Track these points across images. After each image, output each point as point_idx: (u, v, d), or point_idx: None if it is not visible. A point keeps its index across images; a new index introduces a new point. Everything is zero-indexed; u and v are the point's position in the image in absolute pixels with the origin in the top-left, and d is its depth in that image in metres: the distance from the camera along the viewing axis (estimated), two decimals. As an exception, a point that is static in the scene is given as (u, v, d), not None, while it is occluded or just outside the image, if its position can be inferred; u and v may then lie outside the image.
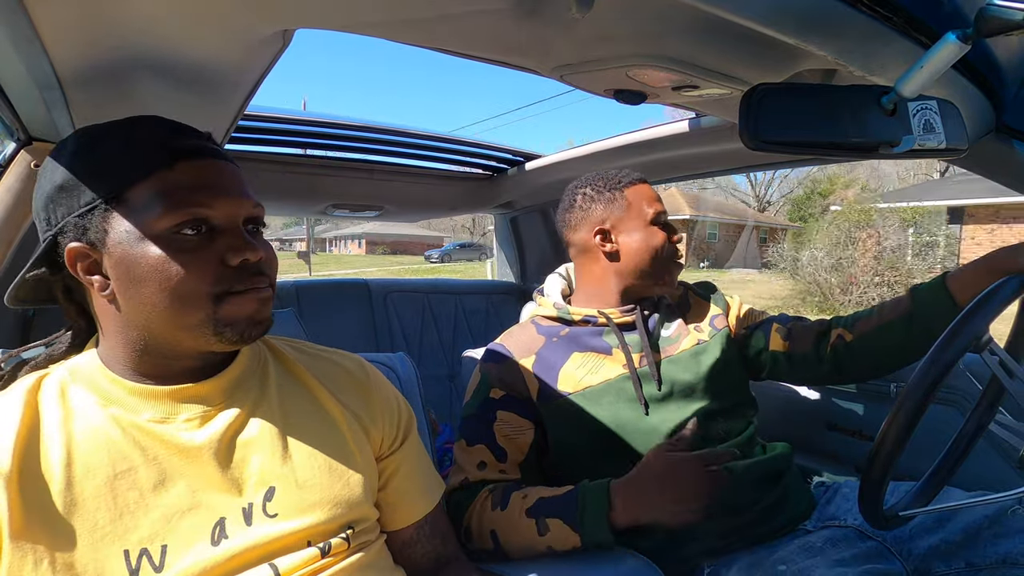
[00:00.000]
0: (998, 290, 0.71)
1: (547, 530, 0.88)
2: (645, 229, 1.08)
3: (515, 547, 0.91)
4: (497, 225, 2.53)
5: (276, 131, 1.59)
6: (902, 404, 0.69)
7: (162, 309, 0.57)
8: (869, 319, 1.04)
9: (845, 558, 0.89)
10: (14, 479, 0.53)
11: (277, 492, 0.62)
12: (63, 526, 0.54)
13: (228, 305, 0.58)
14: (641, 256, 1.08)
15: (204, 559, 0.57)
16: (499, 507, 0.93)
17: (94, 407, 0.59)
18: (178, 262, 0.56)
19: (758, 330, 1.15)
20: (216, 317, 0.58)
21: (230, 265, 0.58)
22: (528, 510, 0.90)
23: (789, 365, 1.11)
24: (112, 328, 0.61)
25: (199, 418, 0.61)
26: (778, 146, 0.67)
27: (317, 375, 0.72)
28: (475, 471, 1.00)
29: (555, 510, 0.89)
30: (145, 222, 0.57)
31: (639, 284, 1.10)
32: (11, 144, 1.02)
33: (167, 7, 0.65)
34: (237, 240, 0.59)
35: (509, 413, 1.03)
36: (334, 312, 2.07)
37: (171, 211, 0.57)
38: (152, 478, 0.58)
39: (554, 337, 1.09)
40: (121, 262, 0.57)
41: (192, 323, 0.58)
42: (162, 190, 0.57)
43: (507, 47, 0.79)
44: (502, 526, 0.91)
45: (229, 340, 0.59)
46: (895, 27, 0.64)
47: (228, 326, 0.59)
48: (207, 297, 0.57)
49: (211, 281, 0.57)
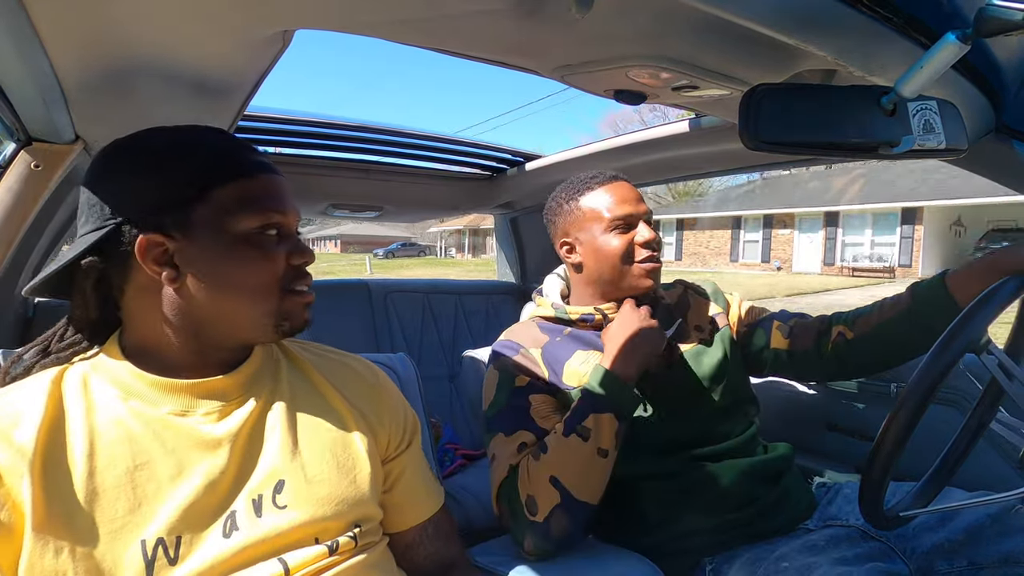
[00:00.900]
0: (997, 290, 0.71)
1: (589, 432, 0.92)
2: (601, 236, 1.07)
3: (575, 475, 0.92)
4: (497, 225, 2.53)
5: (276, 131, 1.59)
6: (902, 404, 0.69)
7: (238, 298, 0.63)
8: (870, 317, 1.04)
9: (848, 557, 0.89)
10: (38, 469, 0.54)
11: (287, 485, 0.63)
12: (84, 516, 0.54)
13: (289, 301, 0.66)
14: (600, 265, 1.08)
15: (216, 551, 0.58)
16: (542, 453, 0.94)
17: (115, 400, 0.61)
18: (259, 258, 0.63)
19: (759, 327, 1.15)
20: (280, 310, 0.65)
21: (293, 265, 0.66)
22: (564, 433, 0.94)
23: (791, 362, 1.11)
24: (157, 319, 0.63)
25: (217, 412, 0.63)
26: (778, 146, 0.67)
27: (326, 375, 0.74)
28: (516, 455, 0.98)
29: (583, 412, 0.94)
30: (231, 220, 0.62)
31: (611, 290, 1.09)
32: (11, 144, 1.02)
33: (167, 8, 0.65)
34: (299, 244, 0.67)
35: (540, 395, 1.03)
36: (334, 312, 2.07)
37: (257, 213, 0.63)
38: (169, 470, 0.59)
39: (557, 336, 1.09)
40: (203, 254, 0.62)
41: (260, 313, 0.64)
42: (246, 195, 0.63)
43: (507, 47, 0.79)
44: (554, 463, 0.92)
45: (283, 331, 0.66)
46: (895, 27, 0.64)
47: (287, 319, 0.66)
48: (278, 290, 0.65)
49: (281, 276, 0.65)
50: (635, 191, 1.10)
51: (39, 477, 0.54)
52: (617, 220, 1.06)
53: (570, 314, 1.10)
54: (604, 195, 1.08)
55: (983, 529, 0.89)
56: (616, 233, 1.06)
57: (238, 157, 0.65)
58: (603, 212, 1.07)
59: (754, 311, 1.19)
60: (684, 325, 1.12)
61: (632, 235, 1.07)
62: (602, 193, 1.08)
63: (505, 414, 1.02)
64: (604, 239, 1.07)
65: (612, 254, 1.06)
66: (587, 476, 0.92)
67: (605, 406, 0.93)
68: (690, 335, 1.12)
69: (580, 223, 1.09)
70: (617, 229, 1.06)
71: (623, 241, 1.06)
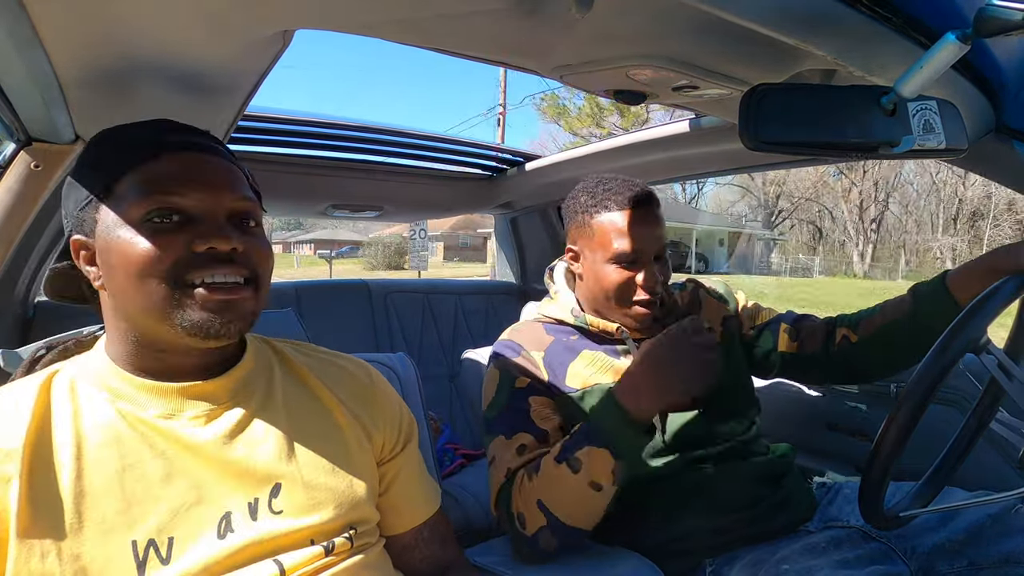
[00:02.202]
0: (997, 291, 0.71)
1: (580, 465, 0.85)
2: (602, 265, 1.02)
3: (563, 504, 0.87)
4: (497, 225, 2.53)
5: (276, 131, 1.58)
6: (902, 404, 0.69)
7: (130, 293, 0.58)
8: (872, 319, 1.03)
9: (849, 559, 0.89)
10: (25, 475, 0.54)
11: (283, 489, 0.63)
12: (71, 518, 0.54)
13: (185, 294, 0.58)
14: (593, 290, 1.05)
15: (210, 552, 0.57)
16: (534, 475, 0.91)
17: (103, 403, 0.60)
18: (142, 245, 0.57)
19: (766, 330, 1.14)
20: (174, 305, 0.58)
21: (196, 252, 0.58)
22: (556, 458, 0.88)
23: (798, 365, 1.11)
24: (110, 322, 0.63)
25: (205, 416, 0.62)
26: (778, 146, 0.67)
27: (321, 378, 0.73)
28: (515, 458, 0.96)
29: (578, 443, 0.87)
30: (123, 210, 0.59)
31: (602, 311, 1.07)
32: (11, 144, 1.02)
33: (167, 8, 0.65)
34: (209, 228, 0.59)
35: (540, 398, 1.01)
36: (334, 313, 2.07)
37: (144, 198, 0.58)
38: (159, 471, 0.58)
39: (564, 338, 1.08)
40: (103, 250, 0.60)
41: (148, 308, 0.58)
42: (142, 180, 0.59)
43: (507, 47, 0.79)
44: (542, 489, 0.89)
45: (188, 331, 0.58)
46: (895, 27, 0.64)
47: (187, 317, 0.58)
48: (165, 278, 0.57)
49: (170, 262, 0.57)
50: (654, 219, 1.03)
51: (25, 482, 0.54)
52: (623, 255, 1.00)
53: (591, 326, 1.06)
54: (618, 221, 1.01)
55: (984, 529, 0.89)
56: (618, 268, 1.01)
57: (141, 143, 0.61)
58: (611, 241, 1.01)
59: (761, 312, 1.18)
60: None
61: (635, 274, 1.01)
62: (617, 217, 1.01)
63: (505, 416, 1.01)
64: (605, 268, 1.02)
65: (608, 287, 1.02)
66: (577, 507, 0.88)
67: (601, 441, 0.85)
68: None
69: (588, 239, 1.05)
70: (621, 264, 1.01)
71: (622, 277, 1.01)
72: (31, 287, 1.51)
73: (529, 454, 0.96)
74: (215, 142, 0.66)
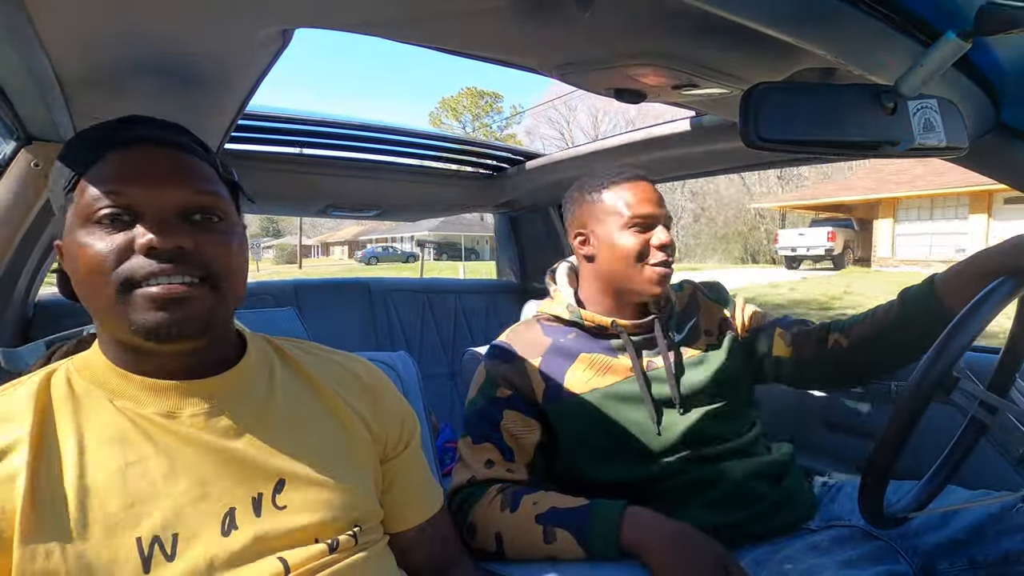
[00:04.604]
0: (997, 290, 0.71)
1: (554, 539, 0.87)
2: (618, 232, 1.05)
3: (518, 550, 0.90)
4: (497, 225, 2.53)
5: (276, 130, 1.58)
6: (902, 404, 0.69)
7: (86, 295, 0.59)
8: (863, 324, 1.03)
9: (852, 559, 0.89)
10: (29, 471, 0.54)
11: (286, 486, 0.63)
12: (75, 516, 0.54)
13: (131, 295, 0.56)
14: (611, 260, 1.07)
15: (215, 548, 0.57)
16: (508, 508, 0.92)
17: (103, 401, 0.60)
18: (88, 247, 0.57)
19: (762, 334, 1.14)
20: (122, 305, 0.56)
21: (140, 251, 0.56)
22: (538, 516, 0.89)
23: (793, 370, 1.11)
24: (96, 323, 0.63)
25: (204, 414, 0.62)
26: (778, 145, 0.67)
27: (323, 376, 0.73)
28: (482, 469, 0.99)
29: (566, 521, 0.87)
30: (75, 213, 0.59)
31: (618, 288, 1.08)
32: (11, 144, 1.02)
33: (167, 7, 0.65)
34: (151, 225, 0.57)
35: (515, 412, 1.02)
36: (334, 311, 2.07)
37: (92, 199, 0.58)
38: (163, 468, 0.58)
39: (561, 338, 1.08)
40: (65, 254, 0.61)
41: (105, 308, 0.57)
42: (92, 180, 0.58)
43: (507, 46, 0.79)
44: (509, 528, 0.91)
45: (139, 333, 0.57)
46: (895, 26, 0.64)
47: (135, 319, 0.56)
48: (108, 282, 0.56)
49: (114, 262, 0.56)
50: (657, 193, 1.08)
51: (29, 480, 0.54)
52: (637, 218, 1.04)
53: (585, 320, 1.08)
54: (627, 192, 1.06)
55: (984, 528, 0.89)
56: (634, 231, 1.05)
57: (95, 143, 0.60)
58: (624, 208, 1.05)
59: (756, 315, 1.18)
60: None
61: (649, 236, 1.05)
62: (625, 189, 1.07)
63: (477, 419, 1.04)
64: (620, 236, 1.05)
65: (626, 252, 1.05)
66: (524, 555, 0.90)
67: (586, 545, 0.85)
68: (700, 338, 1.12)
69: (599, 216, 1.08)
70: (635, 228, 1.05)
71: (639, 241, 1.04)
72: (31, 286, 1.51)
73: (495, 472, 0.99)
74: (179, 135, 0.64)
